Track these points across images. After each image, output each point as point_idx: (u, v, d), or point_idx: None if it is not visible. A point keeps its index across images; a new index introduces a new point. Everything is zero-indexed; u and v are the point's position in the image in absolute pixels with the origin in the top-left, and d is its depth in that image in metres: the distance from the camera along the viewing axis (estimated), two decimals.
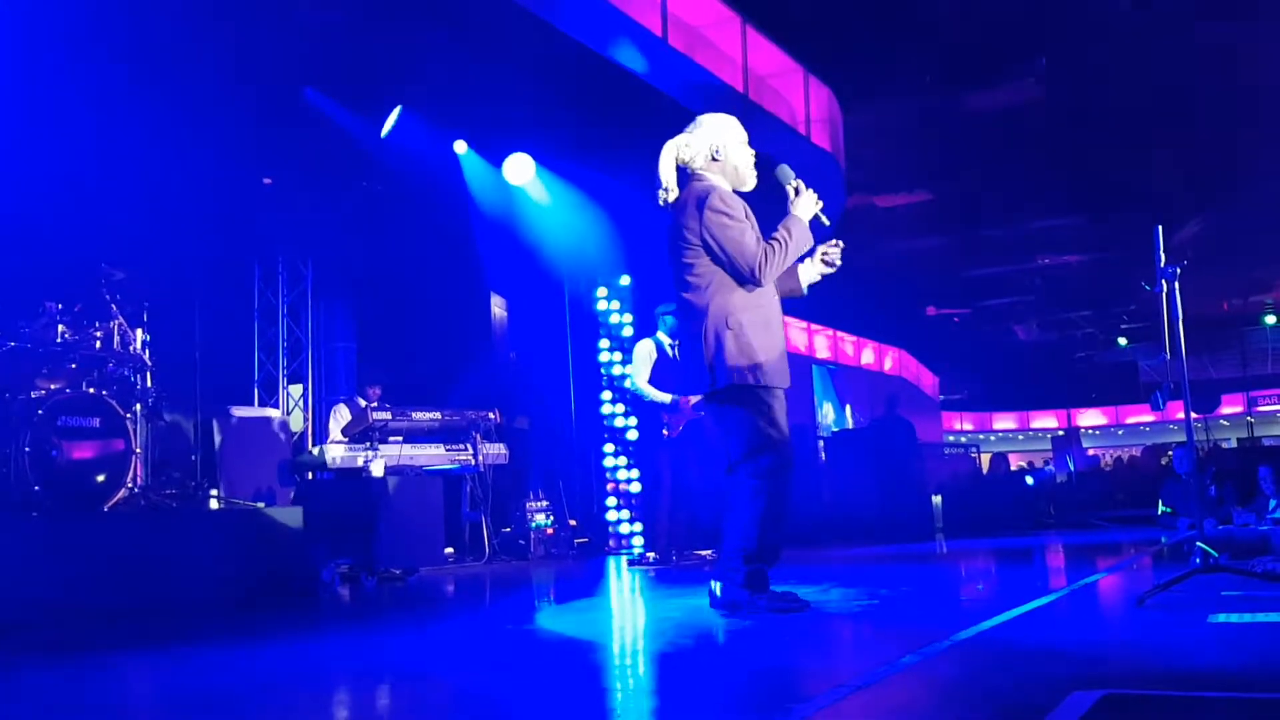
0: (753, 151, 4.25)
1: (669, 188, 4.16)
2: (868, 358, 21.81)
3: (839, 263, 4.30)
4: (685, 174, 4.18)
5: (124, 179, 7.14)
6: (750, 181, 4.22)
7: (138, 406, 5.99)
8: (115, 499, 5.48)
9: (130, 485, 5.62)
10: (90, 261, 6.03)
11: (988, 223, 16.99)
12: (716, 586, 4.01)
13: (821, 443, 13.92)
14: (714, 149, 4.16)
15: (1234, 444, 24.68)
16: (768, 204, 4.20)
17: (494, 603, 5.37)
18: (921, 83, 11.98)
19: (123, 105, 6.86)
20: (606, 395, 9.65)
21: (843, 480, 11.87)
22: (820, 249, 4.28)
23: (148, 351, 6.12)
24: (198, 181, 7.80)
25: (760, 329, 3.97)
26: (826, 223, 4.23)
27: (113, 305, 5.95)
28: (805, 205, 4.10)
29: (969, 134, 13.25)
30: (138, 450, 5.71)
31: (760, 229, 4.06)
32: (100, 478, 5.44)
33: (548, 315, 10.08)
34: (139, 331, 6.11)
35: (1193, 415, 4.54)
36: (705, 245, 3.98)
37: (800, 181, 4.18)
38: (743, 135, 4.24)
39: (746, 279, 3.96)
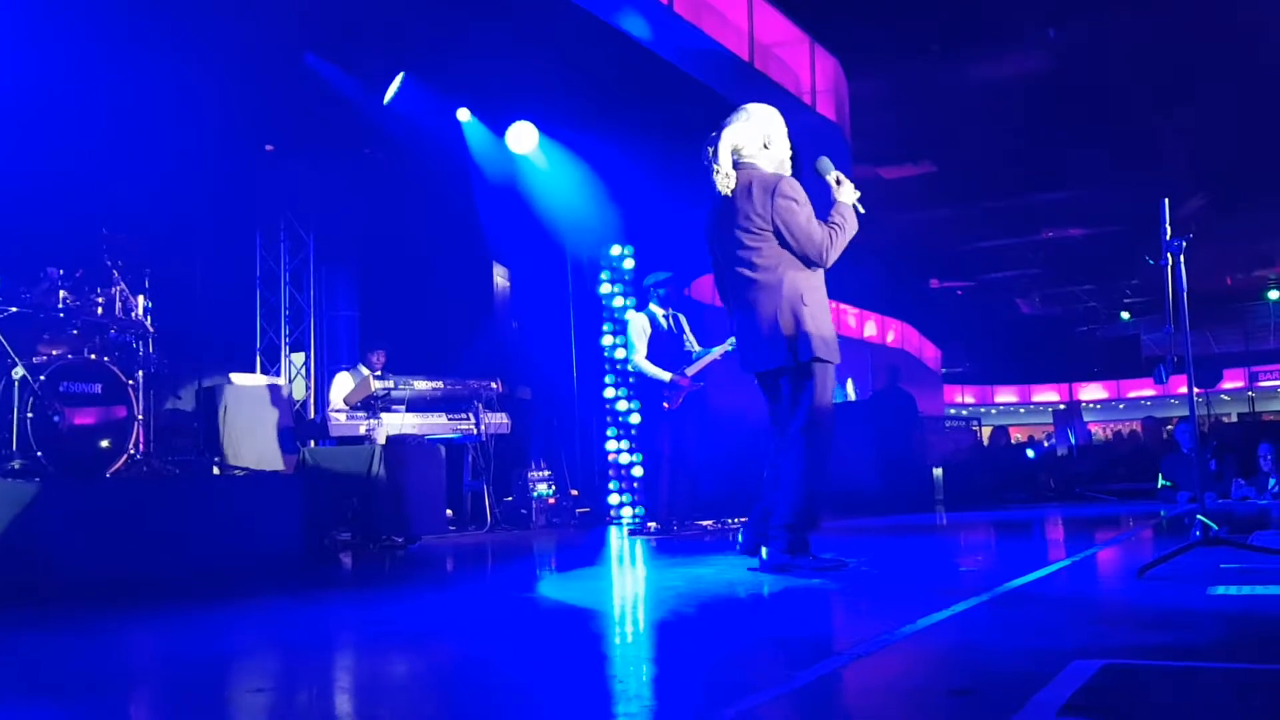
0: (789, 143, 4.54)
1: (729, 174, 4.39)
2: (870, 330, 21.81)
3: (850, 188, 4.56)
4: (736, 161, 4.42)
5: (126, 145, 7.11)
6: (789, 170, 4.49)
7: (140, 373, 5.98)
8: (117, 465, 5.49)
9: (133, 452, 5.63)
10: (92, 227, 6.01)
11: (992, 195, 16.92)
12: (764, 551, 4.33)
13: None
14: (765, 138, 4.44)
15: (1235, 419, 24.70)
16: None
17: (496, 571, 5.39)
18: (928, 53, 11.89)
19: (125, 70, 6.82)
20: (609, 380, 9.60)
21: (844, 452, 11.86)
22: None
23: (149, 318, 6.11)
24: (200, 148, 7.77)
25: (824, 308, 4.34)
26: (863, 211, 4.45)
27: (114, 271, 5.93)
28: (848, 194, 4.42)
29: (974, 105, 13.17)
30: (140, 417, 5.71)
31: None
32: (103, 444, 5.45)
33: (550, 285, 10.05)
34: (141, 298, 6.10)
35: (1195, 390, 4.54)
36: (775, 229, 4.27)
37: (840, 172, 4.48)
38: (784, 127, 4.54)
39: (814, 261, 4.30)
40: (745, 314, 4.42)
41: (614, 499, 9.26)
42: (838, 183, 4.46)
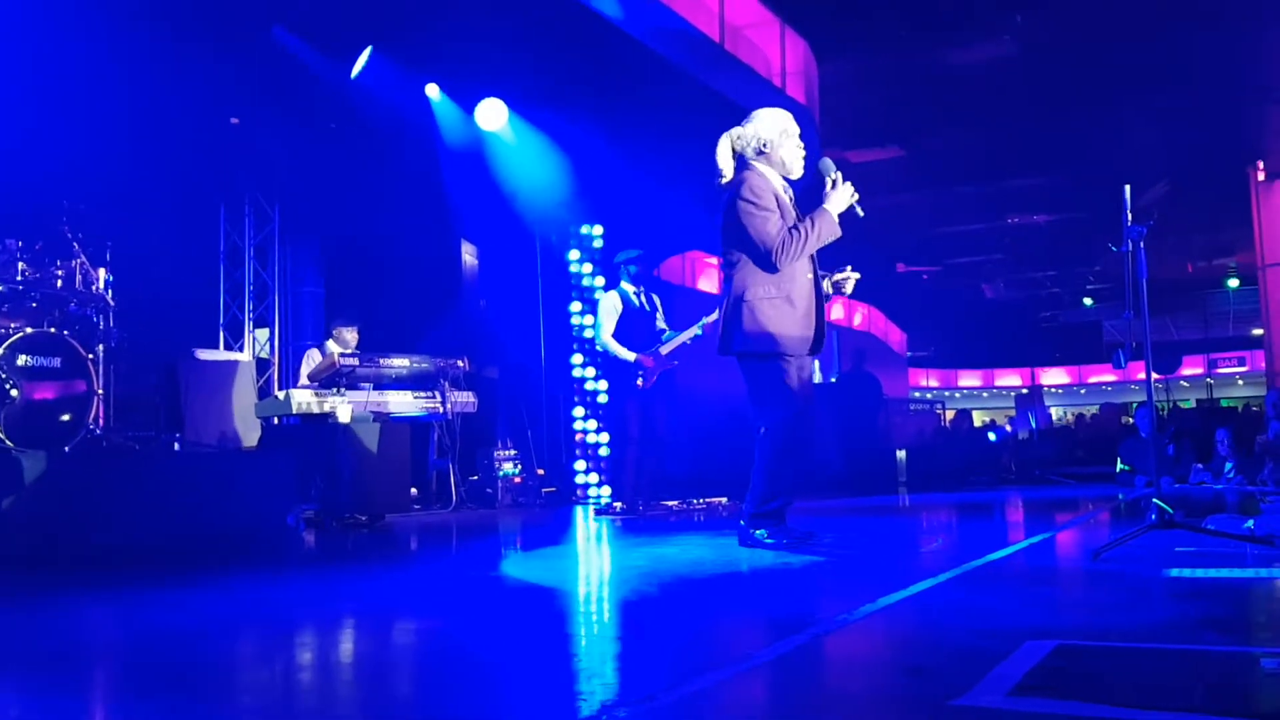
0: (802, 145, 4.62)
1: (723, 172, 4.55)
2: (837, 313, 21.91)
3: (848, 291, 4.83)
4: (743, 161, 4.56)
5: (88, 115, 7.00)
6: (797, 172, 4.60)
7: (100, 347, 5.93)
8: (77, 440, 5.43)
9: (92, 426, 5.58)
10: (52, 198, 5.93)
11: (959, 180, 17.00)
12: (741, 526, 4.54)
13: None
14: (763, 142, 4.54)
15: (1193, 405, 25.08)
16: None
17: (460, 550, 5.39)
18: (898, 37, 11.90)
19: (87, 40, 6.70)
20: (578, 359, 9.58)
21: (810, 434, 11.95)
22: (835, 277, 4.77)
23: (110, 292, 6.05)
24: (164, 119, 7.66)
25: (779, 303, 4.39)
26: (861, 214, 4.56)
27: (75, 244, 5.86)
28: (839, 198, 4.50)
29: (942, 90, 13.20)
30: (99, 391, 5.66)
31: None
32: (62, 418, 5.39)
33: (519, 264, 10.01)
34: (102, 271, 6.04)
35: (1154, 376, 4.60)
36: (737, 228, 4.42)
37: (839, 174, 4.57)
38: (794, 129, 4.60)
39: (765, 262, 4.38)
40: (720, 299, 4.65)
41: (581, 479, 9.27)
42: (833, 185, 4.54)
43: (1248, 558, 3.85)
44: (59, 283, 5.73)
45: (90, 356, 5.69)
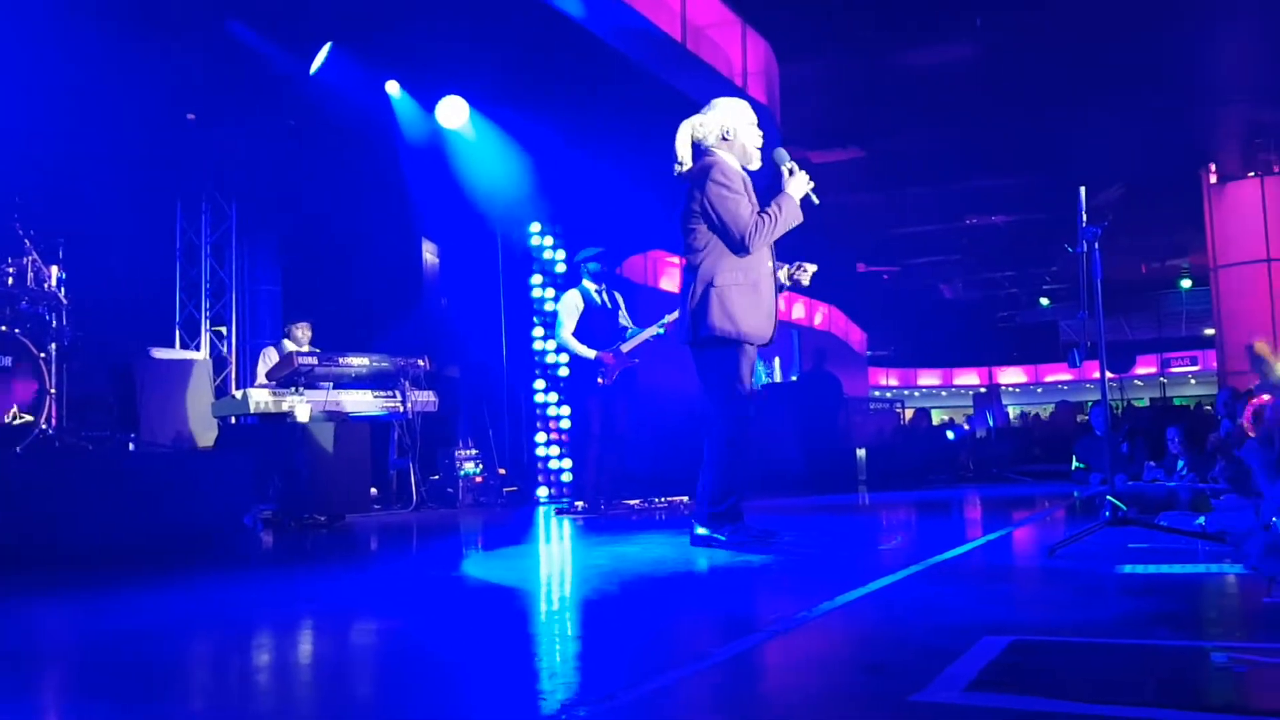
0: (760, 133, 4.66)
1: (683, 161, 4.55)
2: (799, 313, 22.02)
3: (805, 282, 4.91)
4: (700, 150, 4.58)
5: (40, 110, 6.88)
6: (756, 161, 4.65)
7: (53, 346, 5.82)
8: (29, 440, 5.34)
9: (44, 426, 5.49)
10: (2, 195, 5.82)
11: (918, 181, 17.15)
12: (696, 527, 4.50)
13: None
14: (725, 129, 4.57)
15: (1147, 403, 25.47)
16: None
17: (420, 550, 5.36)
18: (858, 38, 11.99)
19: (38, 33, 6.59)
20: (538, 332, 9.50)
21: (770, 433, 12.01)
22: (792, 269, 4.84)
23: (63, 290, 5.95)
24: (119, 115, 7.55)
25: (745, 290, 4.42)
26: (817, 201, 4.60)
27: (26, 241, 5.76)
28: (797, 185, 4.54)
29: (902, 91, 13.31)
30: (52, 391, 5.57)
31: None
32: (13, 418, 5.30)
33: (480, 263, 9.96)
34: (54, 269, 5.94)
35: (1108, 375, 4.67)
36: (704, 214, 4.43)
37: (794, 164, 4.61)
38: (752, 118, 4.65)
39: (738, 245, 4.41)
40: (680, 293, 4.63)
41: (542, 478, 9.25)
42: (790, 173, 4.58)
43: (1199, 554, 3.92)
44: (10, 280, 5.62)
45: (42, 355, 5.59)
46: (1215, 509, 5.51)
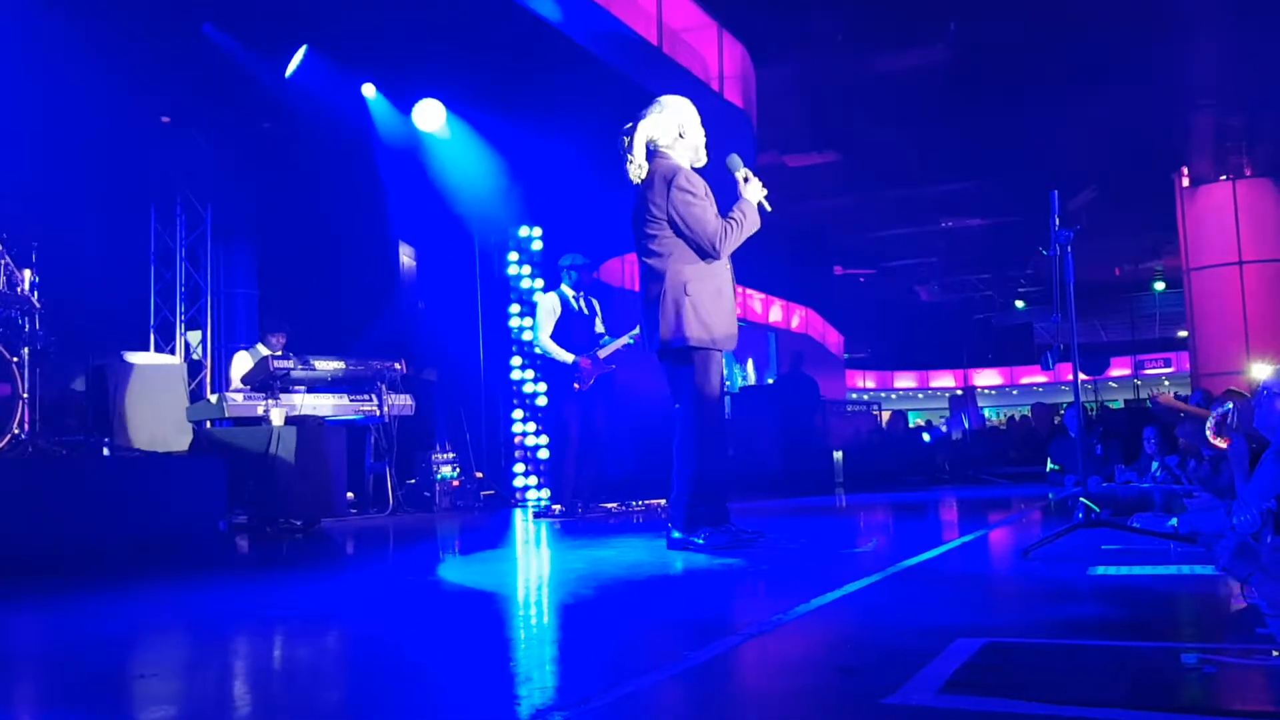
0: (703, 130, 4.68)
1: (641, 164, 4.56)
2: (776, 315, 22.08)
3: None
4: (651, 151, 4.59)
5: (13, 111, 6.82)
6: (704, 158, 4.68)
7: (25, 350, 5.76)
8: (1, 445, 5.29)
9: (18, 431, 5.44)
10: None
11: (894, 184, 17.25)
12: (673, 531, 4.50)
13: (728, 399, 14.10)
14: (680, 128, 4.59)
15: (1121, 405, 25.68)
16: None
17: (397, 554, 5.34)
18: (834, 43, 12.06)
19: (13, 34, 6.53)
20: (516, 361, 9.48)
21: (747, 435, 12.05)
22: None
23: (36, 293, 5.89)
24: (91, 117, 7.48)
25: (714, 296, 4.45)
26: (769, 209, 4.61)
27: None
28: (754, 191, 4.58)
29: (878, 96, 13.41)
30: (25, 395, 5.51)
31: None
32: None
33: (457, 266, 9.93)
34: (27, 272, 5.88)
35: (1081, 377, 4.71)
36: (670, 219, 4.44)
37: (749, 170, 4.64)
38: (697, 115, 4.68)
39: (707, 252, 4.44)
40: (642, 298, 4.62)
41: (519, 481, 9.22)
42: (745, 180, 4.61)
43: (1171, 555, 3.95)
44: None
45: (15, 359, 5.54)
46: (1189, 509, 5.56)
